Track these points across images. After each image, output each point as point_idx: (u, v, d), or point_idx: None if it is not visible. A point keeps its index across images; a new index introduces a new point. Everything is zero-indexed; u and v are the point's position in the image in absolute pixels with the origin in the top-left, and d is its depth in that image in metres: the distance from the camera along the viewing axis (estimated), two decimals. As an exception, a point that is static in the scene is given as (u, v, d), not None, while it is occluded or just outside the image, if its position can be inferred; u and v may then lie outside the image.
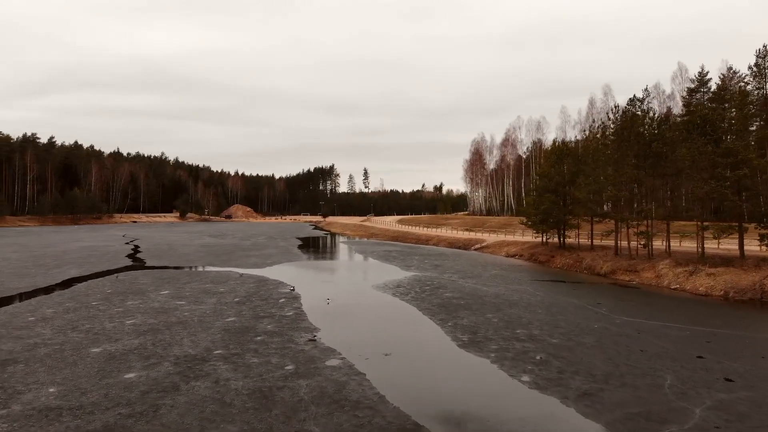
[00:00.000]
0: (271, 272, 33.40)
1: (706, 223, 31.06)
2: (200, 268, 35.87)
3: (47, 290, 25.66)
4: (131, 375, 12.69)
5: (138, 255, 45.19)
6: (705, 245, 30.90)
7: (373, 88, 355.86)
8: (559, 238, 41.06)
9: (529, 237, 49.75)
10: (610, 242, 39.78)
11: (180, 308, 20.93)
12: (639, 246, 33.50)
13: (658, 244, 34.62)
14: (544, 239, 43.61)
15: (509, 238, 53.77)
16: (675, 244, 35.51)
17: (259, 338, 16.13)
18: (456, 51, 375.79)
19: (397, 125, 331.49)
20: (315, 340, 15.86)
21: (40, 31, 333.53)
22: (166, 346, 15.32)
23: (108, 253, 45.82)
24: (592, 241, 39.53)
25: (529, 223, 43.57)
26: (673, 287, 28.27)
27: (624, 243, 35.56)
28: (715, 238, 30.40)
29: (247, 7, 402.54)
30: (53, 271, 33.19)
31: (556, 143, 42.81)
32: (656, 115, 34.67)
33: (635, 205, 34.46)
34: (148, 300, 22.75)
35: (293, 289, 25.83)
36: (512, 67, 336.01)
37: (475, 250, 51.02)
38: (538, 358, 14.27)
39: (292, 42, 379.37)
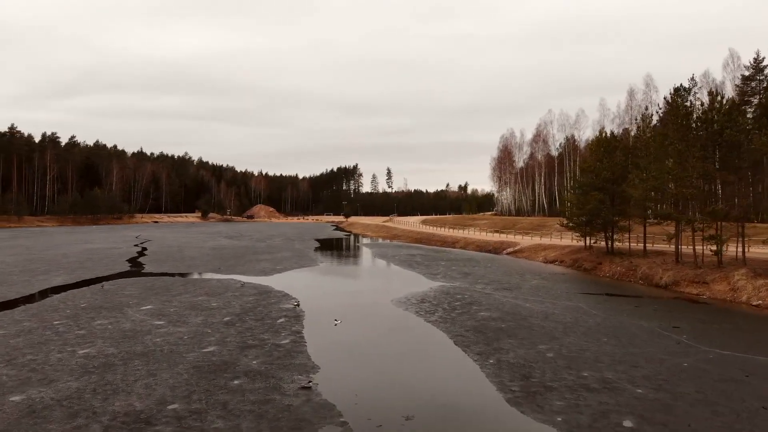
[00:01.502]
0: (279, 281, 29.43)
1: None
2: (201, 275, 32.11)
3: (14, 303, 22.08)
4: (35, 450, 8.70)
5: (140, 259, 41.79)
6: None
7: (396, 88, 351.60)
8: (607, 242, 36.14)
9: (568, 240, 44.85)
10: (664, 247, 34.79)
11: (154, 331, 17.00)
12: (705, 252, 28.52)
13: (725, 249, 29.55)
14: (588, 243, 38.73)
15: (545, 241, 48.86)
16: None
17: (236, 382, 12.03)
18: (479, 50, 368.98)
19: (421, 125, 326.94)
20: (309, 388, 11.67)
21: (65, 33, 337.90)
22: (110, 393, 11.32)
23: (109, 257, 42.55)
24: (645, 246, 34.54)
25: (571, 224, 38.73)
26: (754, 303, 23.39)
27: (685, 248, 30.63)
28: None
29: (271, 8, 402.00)
30: (38, 277, 29.80)
31: (603, 134, 37.87)
32: (725, 99, 29.53)
33: (701, 205, 29.39)
34: (121, 318, 18.91)
35: (298, 304, 21.73)
36: (537, 65, 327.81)
37: (508, 254, 46.30)
38: (627, 425, 9.83)
39: (317, 43, 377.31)
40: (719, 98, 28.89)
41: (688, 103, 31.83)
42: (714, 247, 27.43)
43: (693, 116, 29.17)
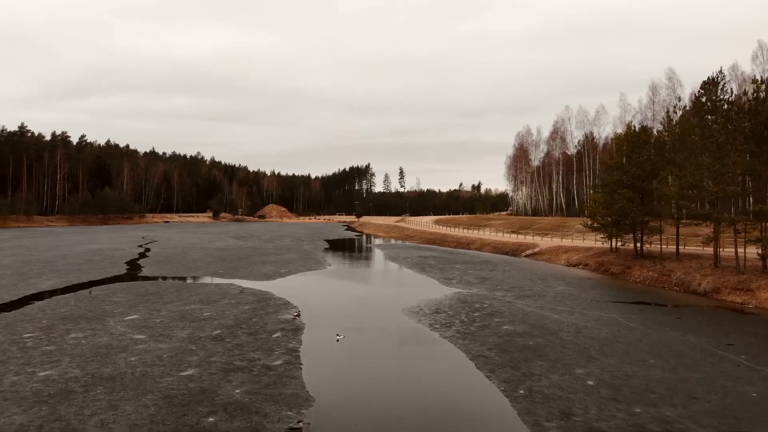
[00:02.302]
0: (281, 286, 27.36)
1: None
2: (199, 280, 30.12)
3: (-10, 312, 20.21)
4: None
5: (140, 261, 39.99)
6: None
7: (408, 88, 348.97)
8: (635, 244, 33.53)
9: (591, 241, 42.27)
10: (697, 249, 32.19)
11: (132, 347, 14.95)
12: (746, 256, 25.92)
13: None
14: (615, 245, 36.15)
15: (566, 242, 46.26)
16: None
17: (210, 419, 9.89)
18: (491, 49, 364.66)
19: (434, 124, 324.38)
20: (300, 430, 9.49)
21: (76, 34, 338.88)
22: (56, 434, 9.24)
23: (109, 258, 40.81)
24: (677, 249, 31.91)
25: (596, 225, 36.19)
26: (809, 314, 20.85)
27: (722, 251, 28.02)
28: None
29: (282, 8, 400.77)
30: (27, 281, 28.03)
31: (632, 128, 35.28)
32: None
33: (743, 204, 26.76)
34: (100, 331, 16.89)
35: (298, 315, 19.59)
36: (549, 64, 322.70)
37: (527, 256, 43.81)
38: (708, 491, 7.52)
39: (327, 42, 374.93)
40: (764, 87, 26.26)
41: (719, 96, 29.41)
42: (760, 251, 24.85)
43: (734, 106, 26.56)
